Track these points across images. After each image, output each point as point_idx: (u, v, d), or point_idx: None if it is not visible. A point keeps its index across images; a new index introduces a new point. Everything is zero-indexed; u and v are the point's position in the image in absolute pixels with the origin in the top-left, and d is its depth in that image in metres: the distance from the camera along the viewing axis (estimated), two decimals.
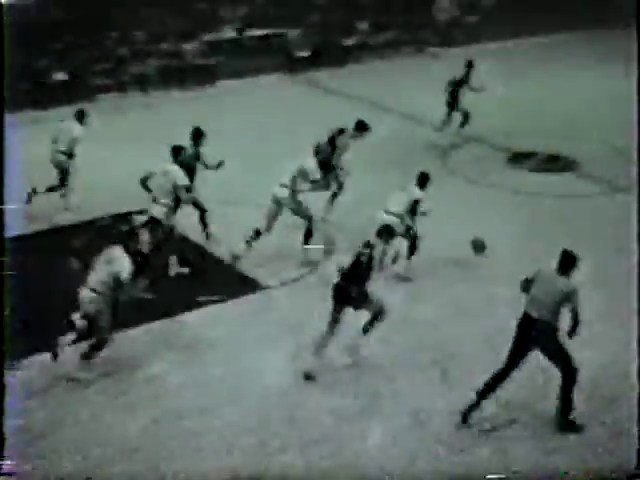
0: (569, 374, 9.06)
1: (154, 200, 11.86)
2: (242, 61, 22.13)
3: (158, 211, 11.73)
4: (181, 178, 11.82)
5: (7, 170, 8.75)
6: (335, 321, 9.90)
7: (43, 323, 10.31)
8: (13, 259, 8.89)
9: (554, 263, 9.03)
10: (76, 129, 13.84)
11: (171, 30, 22.05)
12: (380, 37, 24.78)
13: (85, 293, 9.59)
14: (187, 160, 12.24)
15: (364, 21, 24.74)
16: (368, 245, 9.86)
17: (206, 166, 12.77)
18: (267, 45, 23.05)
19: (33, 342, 9.91)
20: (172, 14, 22.31)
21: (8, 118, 8.86)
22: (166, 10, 22.17)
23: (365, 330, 10.09)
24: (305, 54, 23.30)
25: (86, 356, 9.66)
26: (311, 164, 12.53)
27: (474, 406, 9.15)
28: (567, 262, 8.93)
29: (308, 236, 12.52)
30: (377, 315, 10.02)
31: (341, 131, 13.62)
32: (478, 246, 12.35)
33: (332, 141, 13.56)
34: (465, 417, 9.19)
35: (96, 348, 9.65)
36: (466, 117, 17.26)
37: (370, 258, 9.80)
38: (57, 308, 10.18)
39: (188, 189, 11.93)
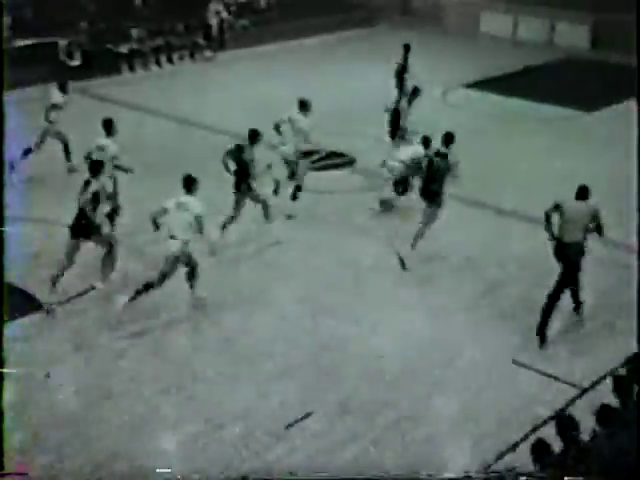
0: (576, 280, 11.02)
1: None
2: (10, 72, 21.24)
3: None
4: (114, 151, 12.84)
5: None
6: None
7: None
8: None
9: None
10: (56, 96, 15.41)
11: None
12: (153, 42, 24.56)
13: (171, 242, 10.88)
14: (244, 158, 13.04)
15: (137, 27, 24.44)
16: (439, 154, 12.63)
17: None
18: (37, 55, 22.29)
19: None
20: None
21: None
22: None
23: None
24: (77, 62, 22.72)
25: (192, 285, 11.35)
26: (303, 121, 14.18)
27: (544, 325, 10.81)
28: (584, 193, 10.86)
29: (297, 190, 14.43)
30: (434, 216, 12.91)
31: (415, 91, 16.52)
32: (387, 204, 14.74)
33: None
34: (543, 337, 10.79)
35: (193, 276, 11.26)
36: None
37: (440, 165, 12.55)
38: None
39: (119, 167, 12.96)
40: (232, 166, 13.12)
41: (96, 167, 11.54)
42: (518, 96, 21.14)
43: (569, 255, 10.79)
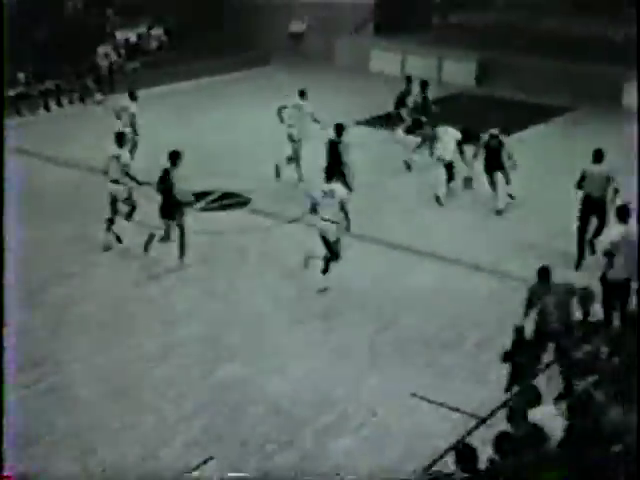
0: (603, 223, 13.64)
1: (114, 181, 14.13)
2: None
3: (117, 189, 14.12)
4: (126, 159, 14.22)
5: None
6: (493, 183, 16.25)
7: None
8: None
9: None
10: (132, 106, 17.79)
11: None
12: (42, 86, 24.18)
13: (325, 224, 12.76)
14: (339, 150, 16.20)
15: (23, 71, 24.02)
16: (495, 136, 15.98)
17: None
18: None
19: None
20: None
21: None
22: None
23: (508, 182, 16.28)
24: None
25: (325, 271, 13.02)
26: (308, 107, 17.83)
27: (581, 258, 13.61)
28: (599, 156, 13.61)
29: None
30: (508, 178, 16.22)
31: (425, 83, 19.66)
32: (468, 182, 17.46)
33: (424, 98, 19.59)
34: (580, 263, 13.54)
35: (331, 260, 12.99)
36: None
37: (499, 143, 15.99)
38: None
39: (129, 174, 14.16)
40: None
41: (175, 157, 13.37)
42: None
43: (597, 208, 13.54)
